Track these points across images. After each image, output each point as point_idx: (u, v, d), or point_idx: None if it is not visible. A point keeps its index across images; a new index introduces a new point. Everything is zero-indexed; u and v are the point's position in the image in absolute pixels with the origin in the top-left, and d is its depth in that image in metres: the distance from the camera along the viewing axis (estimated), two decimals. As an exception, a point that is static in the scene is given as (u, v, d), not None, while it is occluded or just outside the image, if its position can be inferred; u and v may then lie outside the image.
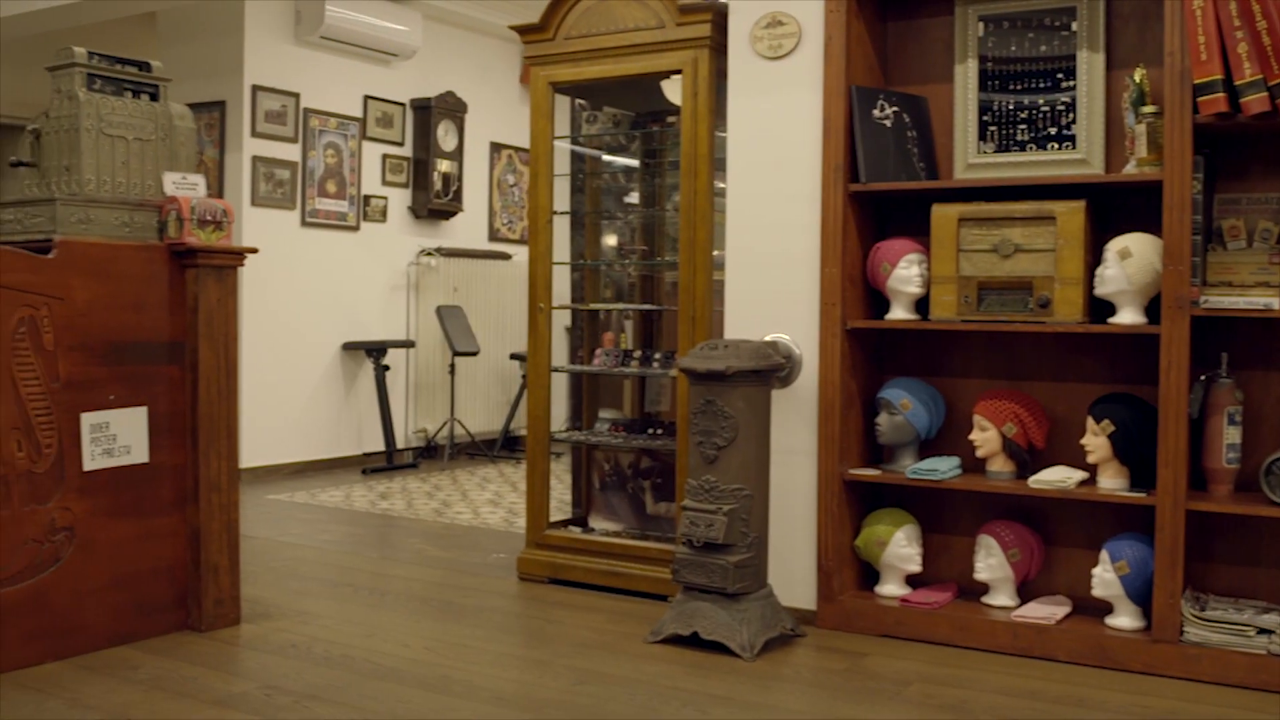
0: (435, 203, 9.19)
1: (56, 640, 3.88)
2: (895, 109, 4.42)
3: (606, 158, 5.68)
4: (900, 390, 4.36)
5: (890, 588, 4.42)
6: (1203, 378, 3.93)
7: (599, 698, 3.61)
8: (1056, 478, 4.08)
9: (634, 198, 5.64)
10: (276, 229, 8.06)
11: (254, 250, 4.36)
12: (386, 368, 8.61)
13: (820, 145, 4.38)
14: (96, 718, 3.39)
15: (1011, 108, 4.31)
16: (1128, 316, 3.98)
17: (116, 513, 4.03)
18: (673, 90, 5.10)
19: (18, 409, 3.77)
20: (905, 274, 4.32)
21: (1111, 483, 4.05)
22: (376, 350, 8.58)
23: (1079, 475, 4.11)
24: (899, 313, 4.37)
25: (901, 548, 4.35)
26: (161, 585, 4.18)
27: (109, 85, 4.17)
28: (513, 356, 9.50)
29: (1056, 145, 4.24)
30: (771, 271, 4.51)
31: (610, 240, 5.66)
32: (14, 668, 3.76)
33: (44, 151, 4.15)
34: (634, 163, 5.61)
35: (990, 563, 4.23)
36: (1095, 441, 4.04)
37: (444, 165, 9.27)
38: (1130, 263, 3.92)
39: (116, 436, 4.03)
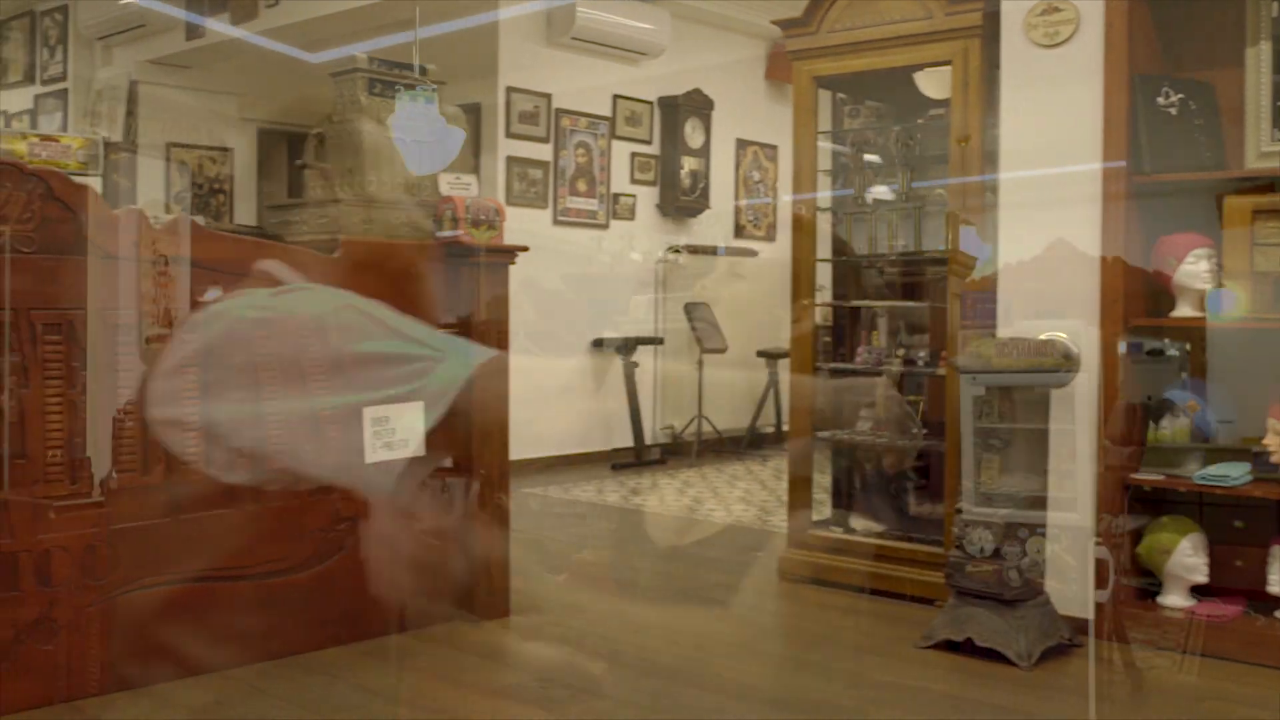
0: (682, 200, 9.23)
1: (340, 626, 4.02)
2: (1180, 96, 4.22)
3: (867, 157, 5.57)
4: (1186, 391, 4.15)
5: (1174, 598, 4.21)
6: None
7: (876, 703, 3.55)
8: (1363, 486, 3.83)
9: (889, 193, 5.51)
10: (529, 227, 8.20)
11: (524, 248, 4.42)
12: (635, 364, 8.69)
13: (1100, 135, 4.20)
14: (382, 703, 3.49)
15: (1310, 92, 4.07)
16: None
17: (395, 504, 4.15)
18: (926, 83, 4.98)
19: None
20: (1193, 269, 4.11)
21: None
22: (625, 347, 8.67)
23: (1388, 484, 3.84)
24: (1186, 310, 4.16)
25: (1187, 557, 4.14)
26: (437, 575, 4.29)
27: (388, 89, 4.30)
28: (759, 354, 9.46)
29: (1362, 131, 3.98)
30: (1048, 267, 4.35)
31: (866, 236, 5.55)
32: (301, 651, 3.91)
33: (328, 154, 4.31)
34: (877, 159, 5.49)
35: (1286, 575, 4.00)
36: None
37: (691, 163, 9.30)
38: None
39: (396, 430, 4.15)
